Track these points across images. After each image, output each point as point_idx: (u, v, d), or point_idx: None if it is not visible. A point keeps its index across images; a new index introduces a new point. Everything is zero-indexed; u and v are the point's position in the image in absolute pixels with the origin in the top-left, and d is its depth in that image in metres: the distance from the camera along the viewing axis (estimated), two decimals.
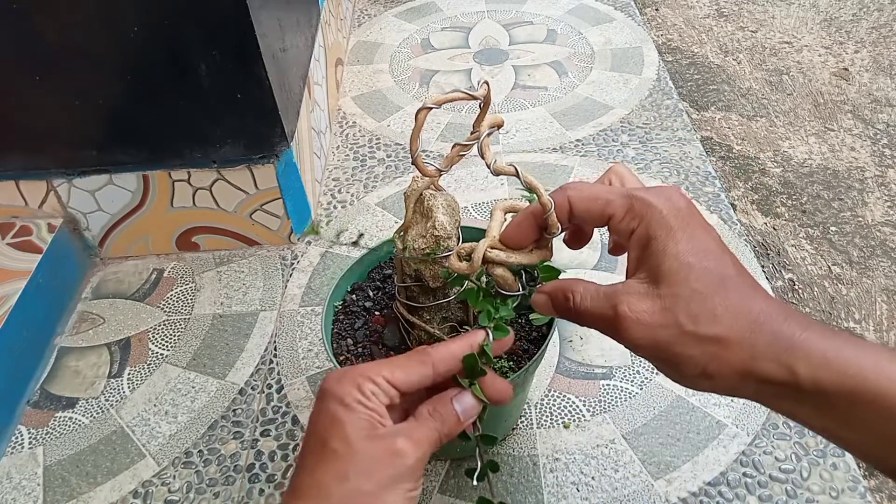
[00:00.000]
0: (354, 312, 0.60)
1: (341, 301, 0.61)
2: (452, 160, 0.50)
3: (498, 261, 0.46)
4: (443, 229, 0.50)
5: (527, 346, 0.55)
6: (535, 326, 0.56)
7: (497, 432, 0.61)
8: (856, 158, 1.07)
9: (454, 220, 0.52)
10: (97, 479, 0.63)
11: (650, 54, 1.14)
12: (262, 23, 0.70)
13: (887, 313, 0.84)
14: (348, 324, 0.59)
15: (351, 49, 1.23)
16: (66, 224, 0.81)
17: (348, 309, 0.60)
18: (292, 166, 0.80)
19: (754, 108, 1.19)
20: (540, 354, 0.52)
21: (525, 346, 0.55)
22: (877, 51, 1.32)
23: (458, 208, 0.53)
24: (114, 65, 0.70)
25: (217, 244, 0.86)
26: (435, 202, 0.51)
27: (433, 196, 0.52)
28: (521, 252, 0.47)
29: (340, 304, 0.61)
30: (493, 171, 0.45)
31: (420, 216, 0.52)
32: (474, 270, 0.46)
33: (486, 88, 0.49)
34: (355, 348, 0.57)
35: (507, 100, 1.07)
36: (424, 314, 0.55)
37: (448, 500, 0.58)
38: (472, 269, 0.46)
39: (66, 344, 0.76)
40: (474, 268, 0.46)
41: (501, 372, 0.52)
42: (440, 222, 0.50)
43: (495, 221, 0.47)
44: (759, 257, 0.90)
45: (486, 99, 0.50)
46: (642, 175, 0.90)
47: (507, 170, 0.45)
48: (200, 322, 0.77)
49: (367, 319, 0.59)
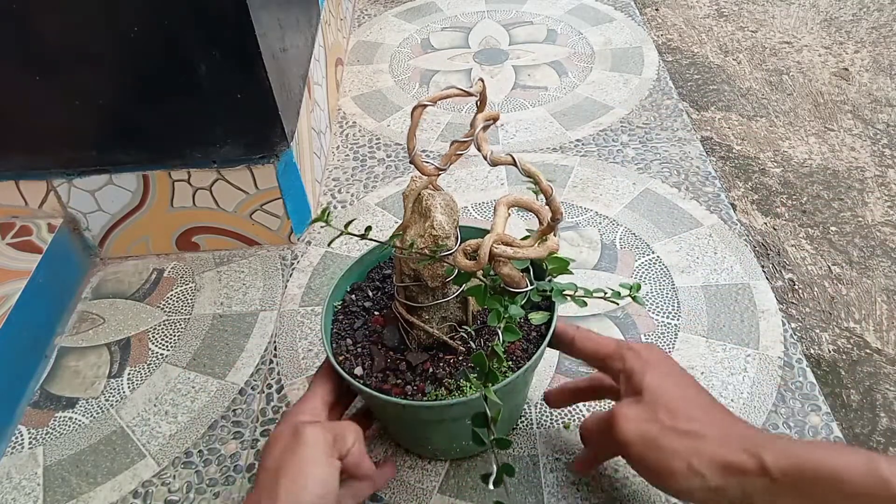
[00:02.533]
0: (354, 312, 0.60)
1: (341, 301, 0.61)
2: (451, 158, 0.50)
3: (506, 256, 0.45)
4: (441, 229, 0.50)
5: (525, 346, 0.55)
6: (534, 326, 0.56)
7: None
8: (856, 158, 1.07)
9: (452, 219, 0.52)
10: (97, 479, 0.63)
11: (650, 54, 1.14)
12: (262, 23, 0.70)
13: (887, 313, 0.84)
14: (348, 324, 0.59)
15: (351, 49, 1.23)
16: (66, 224, 0.81)
17: (348, 309, 0.60)
18: (292, 166, 0.80)
19: (754, 108, 1.19)
20: (539, 355, 0.52)
21: (524, 346, 0.55)
22: (877, 51, 1.32)
23: (456, 208, 0.53)
24: (114, 65, 0.70)
25: (217, 244, 0.86)
26: (433, 202, 0.51)
27: (431, 196, 0.52)
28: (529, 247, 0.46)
29: (340, 304, 0.61)
30: (491, 162, 0.46)
31: (418, 216, 0.52)
32: (481, 267, 0.46)
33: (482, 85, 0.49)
34: (355, 348, 0.57)
35: (507, 100, 1.07)
36: (423, 314, 0.55)
37: (448, 500, 0.58)
38: (478, 265, 0.45)
39: (66, 344, 0.76)
40: (481, 264, 0.45)
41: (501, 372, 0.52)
42: (438, 222, 0.50)
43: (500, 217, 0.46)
44: (759, 257, 0.90)
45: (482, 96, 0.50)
46: (642, 175, 0.90)
47: (503, 160, 0.45)
48: (200, 322, 0.77)
49: (367, 319, 0.59)
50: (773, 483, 0.40)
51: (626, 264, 0.78)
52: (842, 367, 0.79)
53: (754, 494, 0.41)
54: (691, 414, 0.46)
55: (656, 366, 0.49)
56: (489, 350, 0.45)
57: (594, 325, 0.71)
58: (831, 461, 0.39)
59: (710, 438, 0.44)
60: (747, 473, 0.41)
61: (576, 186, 0.89)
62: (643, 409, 0.46)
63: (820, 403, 0.63)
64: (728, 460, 0.42)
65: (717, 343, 0.69)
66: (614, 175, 0.90)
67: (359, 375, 0.54)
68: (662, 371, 0.48)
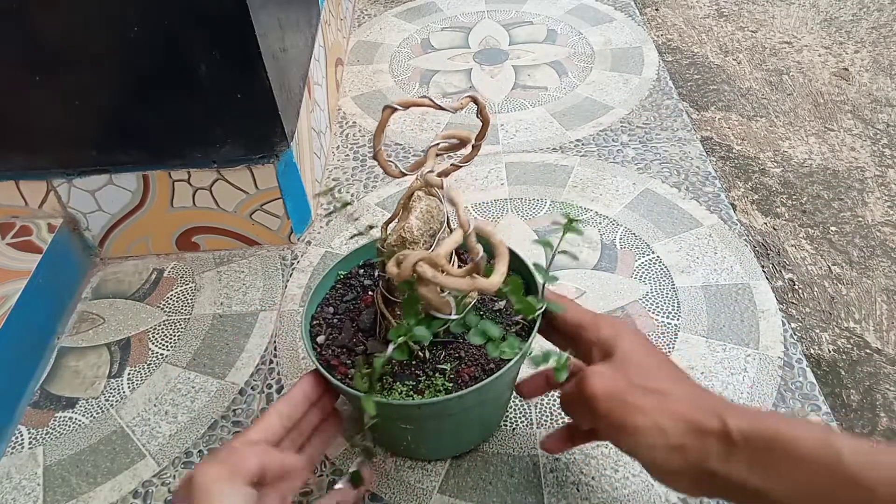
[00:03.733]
0: (353, 286, 0.61)
1: (348, 272, 0.62)
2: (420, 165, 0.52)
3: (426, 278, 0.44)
4: (409, 232, 0.51)
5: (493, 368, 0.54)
6: None
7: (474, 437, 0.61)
8: (856, 158, 1.07)
9: (428, 225, 0.52)
10: (97, 479, 0.63)
11: (650, 54, 1.14)
12: (262, 23, 0.70)
13: (887, 313, 0.84)
14: (342, 293, 0.61)
15: (351, 49, 1.23)
16: (66, 224, 0.81)
17: (349, 282, 0.62)
18: (292, 166, 0.80)
19: (754, 108, 1.19)
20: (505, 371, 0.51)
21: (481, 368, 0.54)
22: (877, 51, 1.32)
23: (439, 215, 0.53)
24: (114, 65, 0.70)
25: (217, 244, 0.86)
26: (417, 204, 0.52)
27: (419, 198, 0.52)
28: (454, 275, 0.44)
29: (346, 273, 0.62)
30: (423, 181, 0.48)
31: (405, 213, 0.53)
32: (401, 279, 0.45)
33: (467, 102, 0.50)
34: (331, 318, 0.58)
35: (507, 100, 1.07)
36: (397, 309, 0.55)
37: (448, 499, 0.58)
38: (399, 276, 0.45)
39: (66, 344, 0.76)
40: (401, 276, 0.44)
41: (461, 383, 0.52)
42: (409, 225, 0.51)
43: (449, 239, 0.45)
44: (759, 257, 0.90)
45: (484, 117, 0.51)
46: (642, 175, 0.90)
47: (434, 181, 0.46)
48: (200, 322, 0.77)
49: (360, 295, 0.60)
50: (731, 446, 0.41)
51: (626, 264, 0.78)
52: (842, 367, 0.79)
53: (710, 457, 0.42)
54: (660, 375, 0.47)
55: (629, 335, 0.50)
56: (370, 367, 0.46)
57: None
58: (789, 429, 0.40)
59: (677, 397, 0.45)
60: (709, 434, 0.42)
61: (576, 186, 0.89)
62: (613, 368, 0.47)
63: (820, 403, 0.63)
64: (692, 418, 0.43)
65: (717, 343, 0.69)
66: (614, 175, 0.90)
67: (320, 343, 0.56)
68: (635, 340, 0.50)
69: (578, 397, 0.48)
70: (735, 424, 0.41)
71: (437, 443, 0.60)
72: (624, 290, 0.75)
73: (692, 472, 0.43)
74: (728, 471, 0.41)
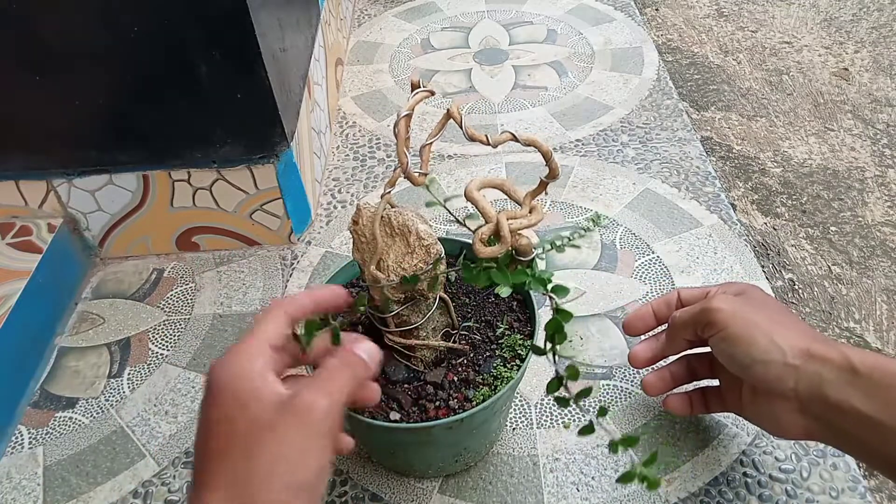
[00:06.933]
0: None
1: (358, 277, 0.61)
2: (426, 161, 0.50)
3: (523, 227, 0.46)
4: (428, 236, 0.49)
5: None
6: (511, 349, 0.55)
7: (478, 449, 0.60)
8: (856, 158, 1.07)
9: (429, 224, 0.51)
10: (97, 479, 0.63)
11: (650, 54, 1.14)
12: (262, 23, 0.70)
13: (887, 313, 0.84)
14: None
15: (351, 49, 1.23)
16: (66, 224, 0.81)
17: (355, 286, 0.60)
18: (292, 166, 0.80)
19: (754, 108, 1.19)
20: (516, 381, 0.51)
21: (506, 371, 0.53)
22: (877, 51, 1.32)
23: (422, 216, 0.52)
24: (114, 65, 0.70)
25: (217, 244, 0.86)
26: (405, 216, 0.49)
27: (399, 213, 0.50)
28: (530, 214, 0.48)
29: None
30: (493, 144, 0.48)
31: (393, 238, 0.50)
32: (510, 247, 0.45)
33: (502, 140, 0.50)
34: None
35: (507, 100, 1.07)
36: (420, 332, 0.53)
37: (448, 499, 0.58)
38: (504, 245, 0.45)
39: (66, 344, 0.76)
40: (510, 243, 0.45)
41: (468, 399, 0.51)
42: (423, 231, 0.49)
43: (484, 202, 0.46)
44: (759, 257, 0.90)
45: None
46: (642, 175, 0.90)
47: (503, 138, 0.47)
48: (200, 322, 0.77)
49: None
50: (854, 375, 0.42)
51: (626, 264, 0.78)
52: None
53: (826, 383, 0.43)
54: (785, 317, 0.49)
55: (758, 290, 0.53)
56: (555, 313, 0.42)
57: (594, 324, 0.71)
58: None
59: (799, 330, 0.47)
60: (827, 361, 0.44)
61: (576, 186, 0.89)
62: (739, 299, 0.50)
63: None
64: (811, 346, 0.45)
65: None
66: (614, 175, 0.90)
67: (397, 420, 0.51)
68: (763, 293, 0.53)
69: (699, 314, 0.50)
70: (859, 358, 0.43)
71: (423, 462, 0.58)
72: (624, 290, 0.75)
73: (803, 395, 0.44)
74: (845, 397, 0.42)
